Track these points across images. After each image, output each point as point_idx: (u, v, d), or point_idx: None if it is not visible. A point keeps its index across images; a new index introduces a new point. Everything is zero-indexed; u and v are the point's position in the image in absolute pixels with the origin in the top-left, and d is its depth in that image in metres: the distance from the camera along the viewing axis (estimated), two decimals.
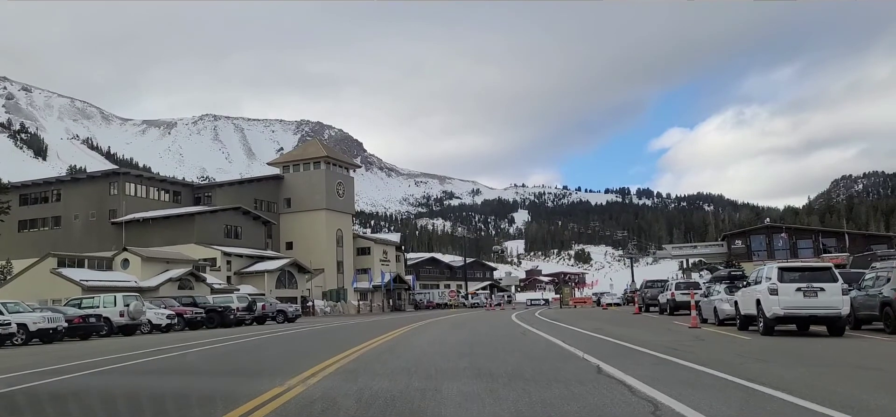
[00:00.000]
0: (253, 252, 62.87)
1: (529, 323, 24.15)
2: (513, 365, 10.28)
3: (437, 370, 9.75)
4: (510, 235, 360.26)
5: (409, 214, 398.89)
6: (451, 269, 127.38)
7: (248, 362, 13.23)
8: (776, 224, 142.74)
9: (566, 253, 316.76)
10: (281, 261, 61.04)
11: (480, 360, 11.09)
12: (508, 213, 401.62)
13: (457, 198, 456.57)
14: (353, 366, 10.57)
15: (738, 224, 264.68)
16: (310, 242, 74.68)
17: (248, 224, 65.94)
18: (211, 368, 12.27)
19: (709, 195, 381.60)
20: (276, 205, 76.96)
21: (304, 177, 76.97)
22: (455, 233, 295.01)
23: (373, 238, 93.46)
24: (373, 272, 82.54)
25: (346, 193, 79.44)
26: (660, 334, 16.77)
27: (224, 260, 58.38)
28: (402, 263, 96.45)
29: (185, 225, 59.81)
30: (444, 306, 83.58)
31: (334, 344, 16.00)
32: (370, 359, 11.77)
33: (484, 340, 16.17)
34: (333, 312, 66.44)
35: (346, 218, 79.52)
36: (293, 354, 14.48)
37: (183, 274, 47.23)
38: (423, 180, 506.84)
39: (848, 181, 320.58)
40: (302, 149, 79.50)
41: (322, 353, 13.25)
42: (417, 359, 11.45)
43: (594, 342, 14.65)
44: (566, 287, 58.25)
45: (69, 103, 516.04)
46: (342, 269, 77.40)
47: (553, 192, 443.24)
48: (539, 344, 14.54)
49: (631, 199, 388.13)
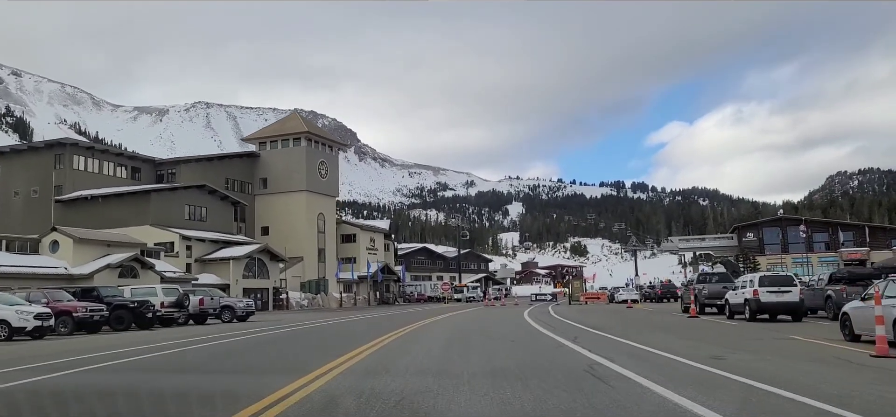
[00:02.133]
0: (220, 236, 55.21)
1: (563, 334, 16.72)
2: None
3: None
4: (504, 227, 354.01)
5: (403, 205, 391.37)
6: (444, 260, 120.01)
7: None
8: (789, 216, 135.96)
9: (562, 246, 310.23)
10: (249, 247, 53.42)
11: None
12: (502, 205, 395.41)
13: (451, 189, 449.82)
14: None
15: (738, 218, 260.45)
16: (288, 227, 67.10)
17: (216, 205, 58.24)
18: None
19: (704, 189, 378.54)
20: (250, 185, 69.24)
21: (282, 154, 69.28)
22: (449, 224, 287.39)
23: (359, 224, 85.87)
24: (358, 261, 75.05)
25: (329, 174, 71.76)
26: (817, 365, 9.33)
27: (183, 244, 50.70)
28: (391, 252, 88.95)
29: (140, 204, 52.12)
30: (438, 300, 76.10)
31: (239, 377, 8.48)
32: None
33: (524, 373, 8.70)
34: (311, 306, 58.99)
35: (328, 201, 71.89)
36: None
37: (125, 260, 39.55)
38: (417, 171, 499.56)
39: (843, 177, 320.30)
40: (280, 123, 71.83)
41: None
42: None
43: (723, 386, 7.21)
44: (576, 280, 50.83)
45: (60, 88, 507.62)
46: (324, 258, 69.84)
47: (548, 185, 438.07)
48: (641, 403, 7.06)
49: (626, 193, 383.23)
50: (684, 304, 25.23)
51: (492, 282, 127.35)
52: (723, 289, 22.56)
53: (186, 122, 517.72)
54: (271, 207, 68.32)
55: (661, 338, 14.51)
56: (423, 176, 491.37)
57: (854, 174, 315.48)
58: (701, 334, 15.77)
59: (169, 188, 54.88)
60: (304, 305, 57.92)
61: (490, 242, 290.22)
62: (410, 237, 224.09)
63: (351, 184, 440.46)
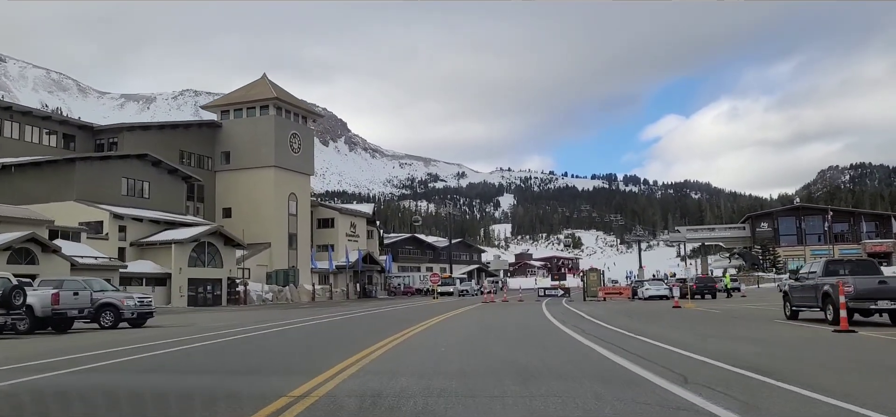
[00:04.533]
0: (165, 216, 46.03)
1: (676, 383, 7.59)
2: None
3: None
4: (496, 219, 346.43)
5: (393, 196, 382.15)
6: (433, 250, 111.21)
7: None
8: (807, 204, 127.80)
9: (555, 238, 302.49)
10: (197, 229, 44.23)
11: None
12: (494, 197, 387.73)
13: (441, 180, 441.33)
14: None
15: (736, 210, 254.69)
16: (253, 208, 57.98)
17: (162, 180, 48.99)
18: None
19: (696, 183, 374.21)
20: (210, 160, 59.96)
21: (247, 124, 60.01)
22: (440, 214, 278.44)
23: (337, 207, 76.76)
24: (337, 249, 66.10)
25: (302, 148, 62.55)
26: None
27: (115, 224, 41.50)
28: (375, 240, 79.97)
29: (64, 176, 42.84)
30: (427, 292, 67.05)
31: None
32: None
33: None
34: (278, 299, 50.02)
35: (302, 179, 62.72)
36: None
37: (16, 241, 30.35)
38: (408, 162, 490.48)
39: (835, 172, 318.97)
40: (245, 89, 62.48)
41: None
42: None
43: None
44: (592, 273, 42.02)
45: (45, 74, 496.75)
46: (295, 244, 60.75)
47: (539, 177, 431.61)
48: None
49: (618, 185, 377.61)
50: (793, 307, 16.66)
51: (485, 274, 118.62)
52: (884, 287, 13.79)
53: (174, 110, 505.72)
54: (234, 185, 59.11)
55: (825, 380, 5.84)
56: (414, 167, 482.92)
57: (846, 168, 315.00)
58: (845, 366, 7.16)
59: (99, 157, 45.53)
60: (268, 299, 48.92)
61: (482, 233, 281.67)
62: (400, 227, 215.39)
63: (341, 174, 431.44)
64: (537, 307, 29.48)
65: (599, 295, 40.10)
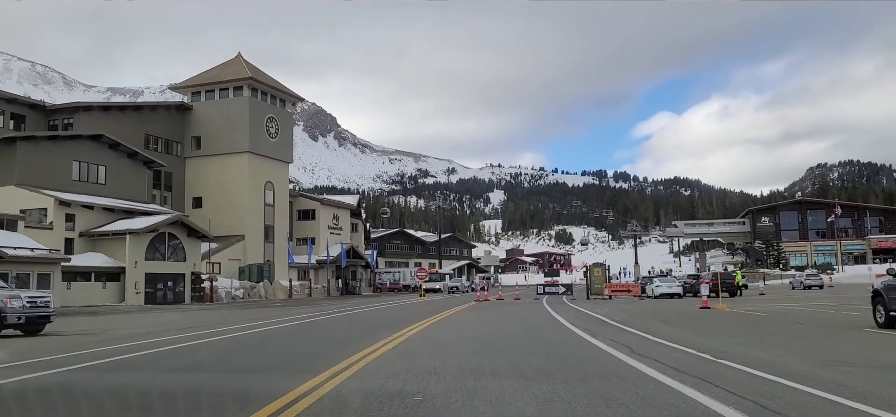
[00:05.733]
0: (122, 204, 41.34)
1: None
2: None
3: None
4: (486, 215, 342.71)
5: (383, 191, 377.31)
6: (422, 245, 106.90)
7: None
8: (809, 199, 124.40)
9: (546, 234, 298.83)
10: (156, 218, 39.55)
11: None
12: (484, 193, 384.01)
13: (431, 176, 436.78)
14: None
15: (727, 207, 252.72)
16: (226, 197, 53.38)
17: (121, 165, 44.21)
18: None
19: (686, 179, 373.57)
20: (179, 145, 55.19)
21: (219, 107, 55.28)
22: (429, 209, 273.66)
23: (319, 197, 72.13)
24: (318, 243, 61.65)
25: (280, 133, 57.88)
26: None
27: (61, 212, 36.80)
28: (360, 233, 75.49)
29: (3, 158, 37.98)
30: (415, 289, 62.47)
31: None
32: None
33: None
34: (250, 297, 45.52)
35: (279, 167, 58.09)
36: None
37: None
38: (398, 157, 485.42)
39: (823, 169, 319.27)
40: (218, 68, 57.72)
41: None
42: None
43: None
44: (596, 268, 37.70)
45: (30, 67, 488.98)
46: (272, 236, 56.16)
47: (530, 173, 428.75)
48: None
49: (608, 182, 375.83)
50: (890, 311, 12.58)
51: (476, 270, 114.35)
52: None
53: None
54: (205, 173, 54.39)
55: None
56: (403, 162, 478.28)
57: (834, 166, 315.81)
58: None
59: (46, 137, 40.61)
60: (239, 296, 44.37)
61: (472, 229, 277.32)
62: (389, 223, 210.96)
63: (330, 170, 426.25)
64: (540, 307, 25.23)
65: (605, 292, 35.88)
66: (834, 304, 23.98)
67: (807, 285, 49.86)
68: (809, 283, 50.18)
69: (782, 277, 70.84)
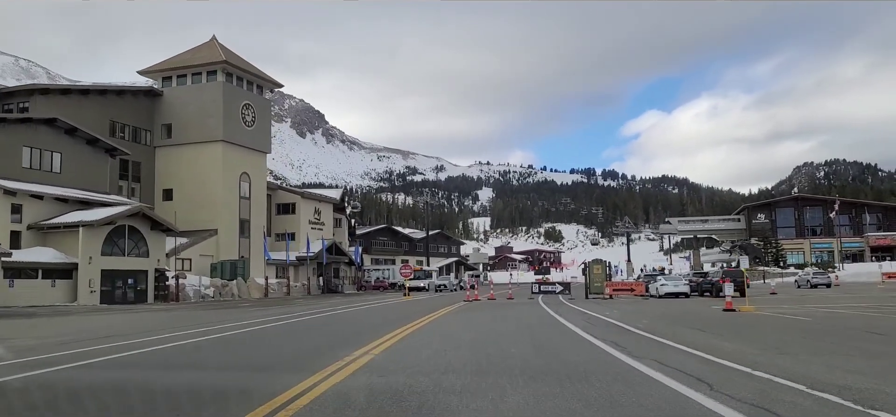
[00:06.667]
0: (78, 194, 37.79)
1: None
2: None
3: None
4: (474, 212, 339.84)
5: (371, 189, 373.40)
6: (409, 242, 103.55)
7: None
8: (806, 195, 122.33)
9: (535, 231, 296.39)
10: (114, 210, 36.00)
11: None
12: (473, 190, 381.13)
13: (420, 173, 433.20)
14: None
15: (716, 205, 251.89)
16: (198, 189, 49.92)
17: (80, 152, 40.62)
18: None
19: (674, 178, 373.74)
20: (149, 133, 51.61)
21: (192, 93, 51.73)
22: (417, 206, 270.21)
23: (299, 191, 68.60)
24: (298, 238, 58.24)
25: (257, 121, 54.41)
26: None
27: (6, 202, 33.21)
28: (344, 229, 72.09)
29: None
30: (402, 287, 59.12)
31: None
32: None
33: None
34: (222, 295, 42.11)
35: (256, 158, 54.62)
36: None
37: None
38: (386, 155, 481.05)
39: (809, 168, 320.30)
40: (191, 52, 54.17)
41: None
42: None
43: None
44: (596, 265, 34.62)
45: (13, 62, 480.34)
46: (248, 231, 52.74)
47: (518, 171, 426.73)
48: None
49: (596, 180, 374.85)
50: None
51: (465, 267, 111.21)
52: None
53: None
54: (177, 163, 50.85)
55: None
56: (392, 159, 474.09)
57: (820, 165, 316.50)
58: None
59: None
60: (209, 295, 40.94)
61: (460, 227, 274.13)
62: (376, 220, 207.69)
63: (318, 167, 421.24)
64: (539, 309, 22.16)
65: (606, 291, 32.88)
66: (866, 304, 21.11)
67: (813, 284, 47.64)
68: (816, 281, 47.94)
69: (782, 275, 68.26)
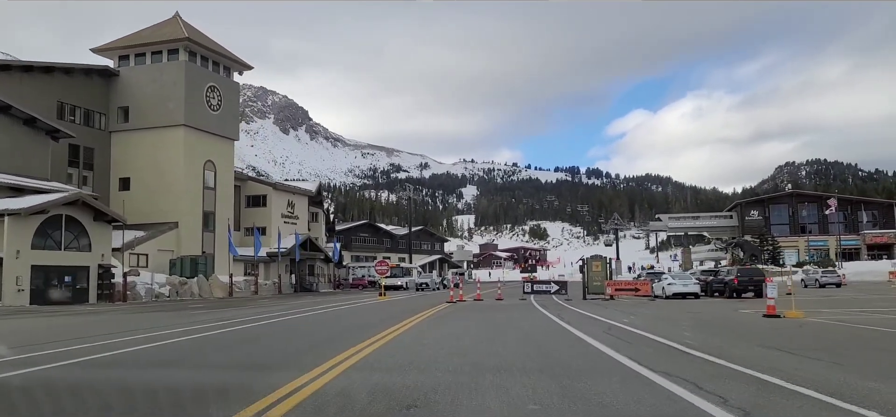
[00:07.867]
0: (9, 180, 33.40)
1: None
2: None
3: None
4: (459, 210, 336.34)
5: (354, 186, 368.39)
6: (391, 238, 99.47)
7: None
8: (801, 192, 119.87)
9: (520, 229, 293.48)
10: (47, 197, 31.63)
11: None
12: (457, 188, 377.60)
13: (404, 171, 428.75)
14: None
15: (700, 203, 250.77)
16: (158, 178, 45.63)
17: (14, 134, 36.15)
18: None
19: (658, 176, 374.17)
20: (103, 116, 47.16)
21: (151, 72, 47.34)
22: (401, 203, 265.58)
23: (271, 182, 64.41)
24: (270, 233, 54.02)
25: (224, 105, 50.12)
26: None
27: None
28: (321, 224, 67.97)
29: None
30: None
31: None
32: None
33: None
34: (179, 295, 37.85)
35: (223, 145, 50.33)
36: None
37: None
38: (370, 152, 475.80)
39: (792, 168, 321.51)
40: (151, 30, 49.80)
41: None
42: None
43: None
44: (595, 262, 30.87)
45: None
46: (212, 225, 48.47)
47: (503, 169, 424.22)
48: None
49: (581, 178, 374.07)
50: None
51: (448, 265, 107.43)
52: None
53: None
54: (134, 150, 46.47)
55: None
56: (376, 156, 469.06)
57: (802, 165, 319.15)
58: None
59: None
60: (164, 294, 36.69)
61: (445, 224, 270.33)
62: (359, 217, 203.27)
63: (301, 163, 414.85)
64: (536, 313, 18.36)
65: (607, 291, 29.20)
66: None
67: (822, 283, 44.64)
68: (825, 281, 44.96)
69: (783, 274, 65.20)
